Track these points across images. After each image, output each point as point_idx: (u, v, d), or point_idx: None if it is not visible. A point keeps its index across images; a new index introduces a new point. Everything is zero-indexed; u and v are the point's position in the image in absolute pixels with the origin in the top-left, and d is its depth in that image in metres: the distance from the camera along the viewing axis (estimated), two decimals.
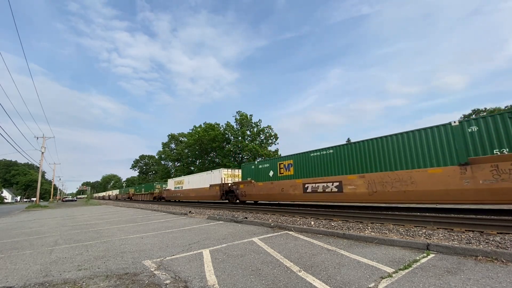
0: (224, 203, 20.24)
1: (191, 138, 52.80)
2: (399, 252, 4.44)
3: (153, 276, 3.68)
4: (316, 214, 9.50)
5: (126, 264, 4.37)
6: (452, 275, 3.25)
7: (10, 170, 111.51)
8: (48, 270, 4.23)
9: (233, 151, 47.45)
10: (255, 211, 11.96)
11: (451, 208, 10.07)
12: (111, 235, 7.56)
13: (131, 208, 21.73)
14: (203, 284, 3.27)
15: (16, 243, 7.01)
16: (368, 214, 8.51)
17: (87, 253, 5.29)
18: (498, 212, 8.30)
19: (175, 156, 64.07)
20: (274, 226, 7.53)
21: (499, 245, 4.32)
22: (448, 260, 3.88)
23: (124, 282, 3.47)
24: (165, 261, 4.41)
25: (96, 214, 16.34)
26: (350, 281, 3.17)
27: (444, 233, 5.40)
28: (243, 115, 49.17)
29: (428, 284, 3.00)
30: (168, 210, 15.59)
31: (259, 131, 48.78)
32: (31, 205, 32.94)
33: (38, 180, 36.62)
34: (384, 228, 6.30)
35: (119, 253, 5.15)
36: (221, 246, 5.41)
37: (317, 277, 3.37)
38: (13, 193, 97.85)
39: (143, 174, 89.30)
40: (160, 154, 70.88)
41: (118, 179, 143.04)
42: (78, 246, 6.14)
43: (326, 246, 5.01)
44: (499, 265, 3.55)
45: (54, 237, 7.65)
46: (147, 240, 6.41)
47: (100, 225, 10.26)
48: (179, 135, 67.86)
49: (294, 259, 4.20)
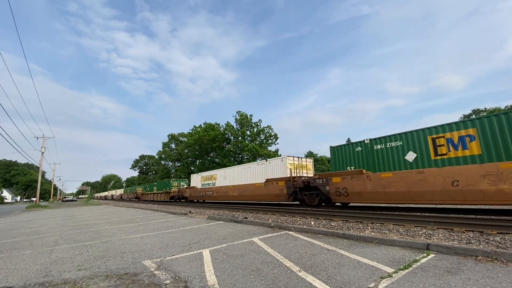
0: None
1: (191, 138, 52.79)
2: (399, 252, 4.44)
3: (153, 276, 3.68)
4: (316, 214, 9.51)
5: (126, 264, 4.37)
6: (452, 275, 3.25)
7: (10, 170, 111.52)
8: (48, 270, 4.23)
9: (233, 151, 47.44)
10: (255, 211, 11.96)
11: (451, 208, 10.07)
12: (111, 235, 7.56)
13: (131, 208, 21.73)
14: (203, 284, 3.27)
15: (16, 243, 7.01)
16: (368, 214, 8.50)
17: (87, 253, 5.29)
18: (498, 212, 8.30)
19: (175, 156, 64.08)
20: (274, 226, 7.53)
21: (499, 245, 4.32)
22: (448, 260, 3.88)
23: (124, 282, 3.47)
24: (165, 261, 4.41)
25: (96, 214, 16.33)
26: (350, 281, 3.17)
27: (444, 233, 5.40)
28: (243, 115, 49.17)
29: (428, 284, 3.00)
30: (168, 210, 15.59)
31: (259, 131, 48.79)
32: (31, 205, 32.94)
33: (38, 180, 36.61)
34: (384, 228, 6.30)
35: (119, 253, 5.15)
36: (221, 246, 5.41)
37: (317, 277, 3.37)
38: (13, 193, 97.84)
39: (143, 174, 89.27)
40: (160, 154, 70.86)
41: (118, 179, 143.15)
42: (78, 246, 6.14)
43: (326, 246, 5.01)
44: (499, 265, 3.55)
45: (54, 237, 7.65)
46: (147, 240, 6.41)
47: (100, 225, 10.26)
48: (179, 135, 67.85)
49: (294, 259, 4.20)
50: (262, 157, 41.62)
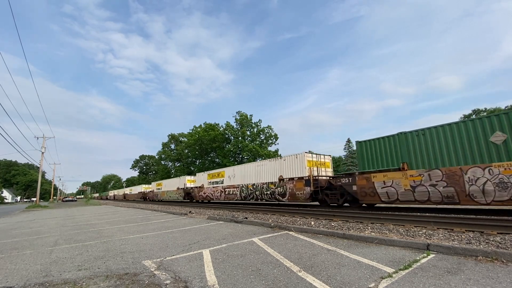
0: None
1: (191, 138, 52.81)
2: (399, 252, 4.44)
3: (153, 276, 3.68)
4: (316, 214, 9.50)
5: (126, 264, 4.36)
6: (452, 275, 3.25)
7: (10, 170, 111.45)
8: (48, 270, 4.23)
9: (233, 151, 47.45)
10: (255, 211, 11.96)
11: (451, 208, 10.06)
12: (111, 235, 7.56)
13: (131, 208, 21.73)
14: (203, 284, 3.27)
15: (16, 243, 7.01)
16: (368, 214, 8.50)
17: (87, 253, 5.29)
18: (499, 212, 8.30)
19: (175, 156, 64.11)
20: (274, 226, 7.53)
21: (499, 245, 4.32)
22: (449, 260, 3.87)
23: (124, 282, 3.47)
24: (165, 261, 4.41)
25: (96, 214, 16.33)
26: (350, 281, 3.17)
27: (444, 233, 5.40)
28: (243, 115, 49.17)
29: (429, 284, 3.00)
30: (168, 210, 15.58)
31: (259, 131, 48.80)
32: (31, 205, 32.95)
33: (38, 180, 36.62)
34: (384, 228, 6.30)
35: (119, 253, 5.15)
36: (221, 246, 5.41)
37: (317, 277, 3.37)
38: (13, 193, 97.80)
39: (143, 174, 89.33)
40: (160, 154, 70.93)
41: (118, 179, 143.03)
42: (78, 246, 6.14)
43: (326, 246, 5.00)
44: (499, 265, 3.55)
45: (54, 237, 7.65)
46: (147, 240, 6.41)
47: (100, 225, 10.26)
48: (179, 135, 67.91)
49: (294, 259, 4.20)
50: (262, 157, 41.60)
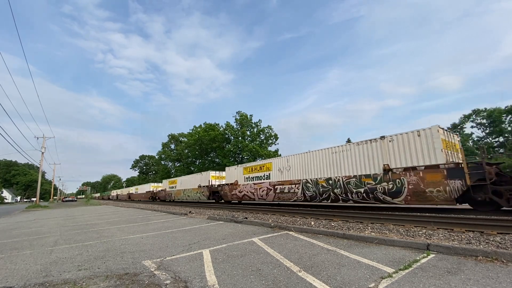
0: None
1: (191, 138, 52.81)
2: (399, 252, 4.44)
3: (153, 276, 3.68)
4: (316, 214, 9.50)
5: (126, 264, 4.36)
6: (452, 275, 3.25)
7: (10, 170, 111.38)
8: (48, 270, 4.23)
9: (233, 151, 47.44)
10: (255, 211, 11.96)
11: (451, 208, 10.06)
12: (111, 235, 7.56)
13: (131, 208, 21.73)
14: (203, 284, 3.27)
15: (16, 243, 7.01)
16: (368, 214, 8.50)
17: (87, 253, 5.29)
18: (499, 212, 8.29)
19: (175, 156, 64.10)
20: (274, 226, 7.53)
21: (499, 245, 4.32)
22: (449, 260, 3.88)
23: (124, 282, 3.47)
24: (165, 261, 4.41)
25: (96, 214, 16.33)
26: (350, 281, 3.17)
27: (444, 233, 5.40)
28: (243, 115, 49.15)
29: (429, 284, 3.00)
30: (168, 210, 15.59)
31: (259, 131, 48.77)
32: (31, 205, 32.94)
33: (38, 180, 36.61)
34: (384, 228, 6.30)
35: (119, 253, 5.15)
36: (221, 246, 5.41)
37: (317, 277, 3.36)
38: (13, 193, 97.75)
39: (143, 174, 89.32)
40: (160, 154, 70.92)
41: (118, 179, 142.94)
42: (78, 246, 6.14)
43: (326, 246, 5.00)
44: (499, 265, 3.55)
45: (54, 237, 7.65)
46: (147, 240, 6.41)
47: (100, 225, 10.26)
48: (179, 135, 67.92)
49: (294, 259, 4.20)
50: (262, 157, 41.57)
